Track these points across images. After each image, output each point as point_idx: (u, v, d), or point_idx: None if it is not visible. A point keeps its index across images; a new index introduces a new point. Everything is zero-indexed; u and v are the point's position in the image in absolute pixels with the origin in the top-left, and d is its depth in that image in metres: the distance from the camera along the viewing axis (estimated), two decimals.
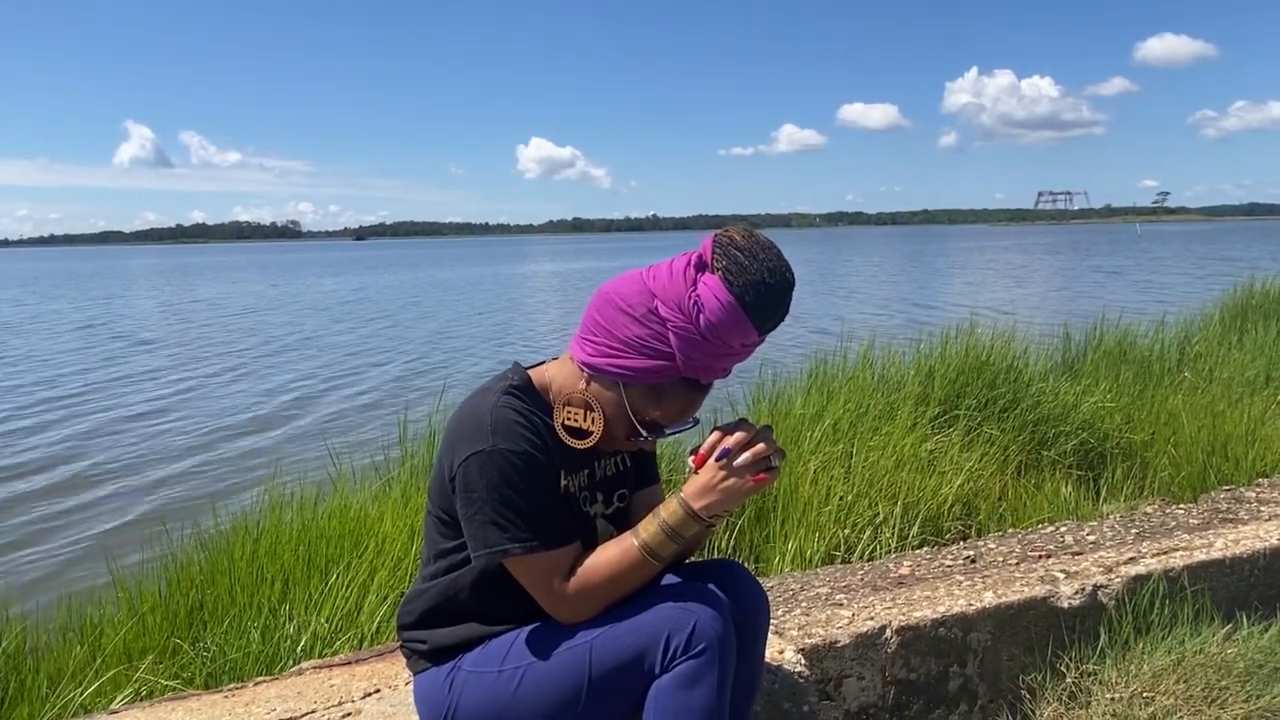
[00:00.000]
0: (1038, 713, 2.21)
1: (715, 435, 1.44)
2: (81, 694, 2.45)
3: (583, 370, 1.46)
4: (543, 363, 1.56)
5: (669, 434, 1.51)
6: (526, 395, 1.47)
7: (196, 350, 16.20)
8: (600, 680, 1.40)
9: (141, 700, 2.16)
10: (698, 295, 1.35)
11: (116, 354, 16.04)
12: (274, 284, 43.34)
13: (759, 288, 1.34)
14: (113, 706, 2.09)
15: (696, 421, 1.53)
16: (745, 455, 1.40)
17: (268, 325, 21.23)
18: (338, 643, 2.63)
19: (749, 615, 1.55)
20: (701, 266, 1.38)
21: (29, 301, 34.08)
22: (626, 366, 1.40)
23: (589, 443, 1.47)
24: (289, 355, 15.29)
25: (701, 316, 1.35)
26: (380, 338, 18.00)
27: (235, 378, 12.86)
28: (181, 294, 36.32)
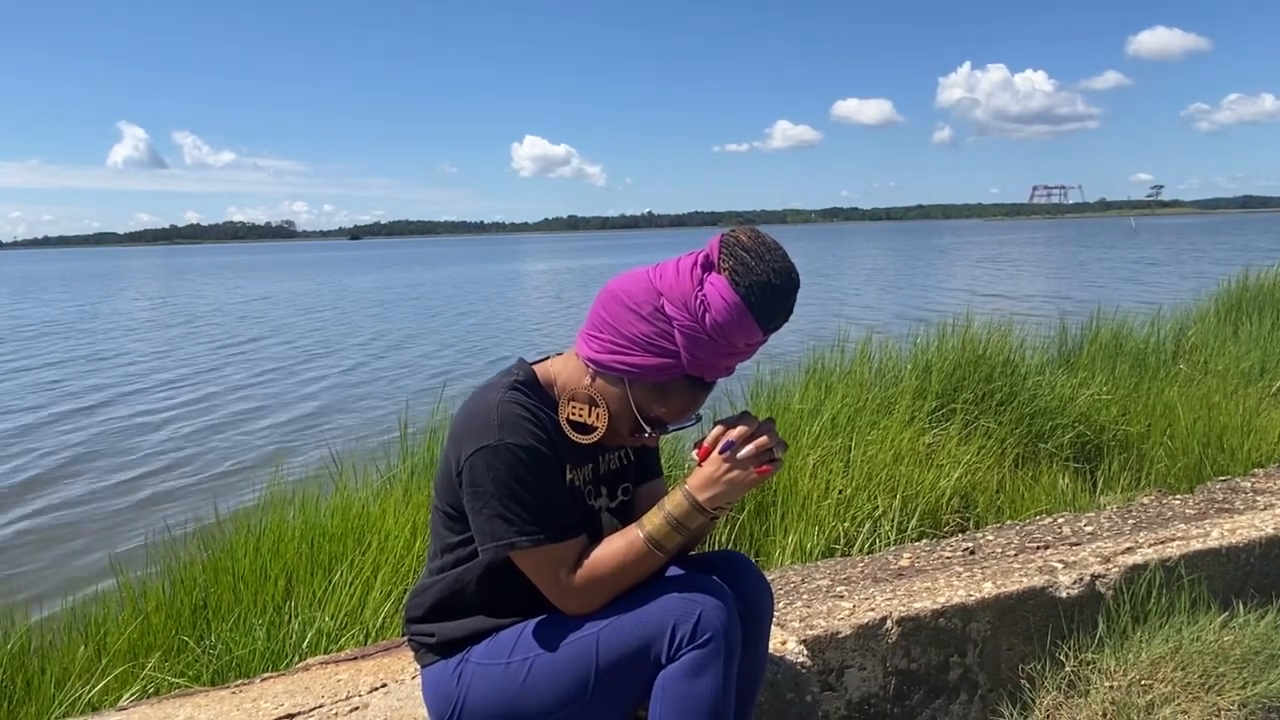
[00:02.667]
0: (1037, 701, 2.23)
1: (718, 428, 1.46)
2: (89, 692, 2.46)
3: (588, 366, 1.48)
4: (547, 358, 1.58)
5: (672, 430, 1.53)
6: (531, 390, 1.48)
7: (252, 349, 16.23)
8: (607, 670, 1.42)
9: (149, 697, 2.17)
10: (704, 295, 1.37)
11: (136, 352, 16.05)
12: (319, 281, 43.85)
13: (764, 288, 1.36)
14: (121, 703, 2.11)
15: (699, 418, 1.55)
16: (748, 448, 1.42)
17: (334, 322, 21.58)
18: (343, 639, 2.65)
19: (753, 606, 1.56)
20: (708, 266, 1.40)
21: (82, 300, 34.21)
22: (632, 363, 1.42)
23: (593, 438, 1.49)
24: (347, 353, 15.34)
25: (707, 316, 1.37)
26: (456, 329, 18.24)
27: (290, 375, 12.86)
28: (233, 292, 36.40)
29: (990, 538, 2.93)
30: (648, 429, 1.50)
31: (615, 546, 1.45)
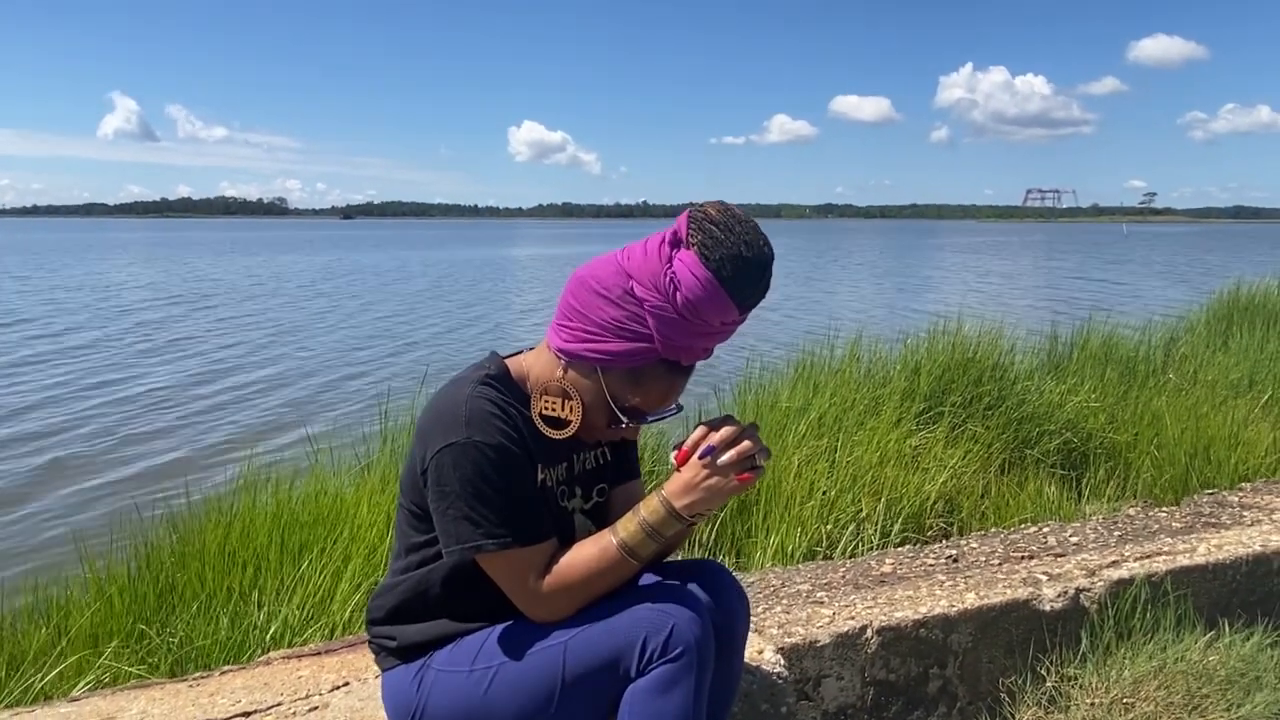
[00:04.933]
0: (1017, 716, 2.19)
1: (700, 431, 1.39)
2: (42, 680, 2.38)
3: (560, 357, 1.41)
4: (520, 351, 1.51)
5: (651, 420, 1.46)
6: (503, 385, 1.41)
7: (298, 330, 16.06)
8: (574, 682, 1.35)
9: (104, 688, 2.10)
10: (673, 272, 1.31)
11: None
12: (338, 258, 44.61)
13: (736, 261, 1.30)
14: (73, 694, 2.03)
15: (680, 407, 1.48)
16: (730, 453, 1.35)
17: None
18: (308, 631, 2.58)
19: (729, 618, 1.50)
20: (676, 243, 1.33)
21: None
22: (604, 350, 1.35)
23: (568, 432, 1.42)
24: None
25: (678, 294, 1.30)
26: None
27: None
28: (264, 265, 36.74)
29: (975, 545, 2.89)
30: (624, 420, 1.43)
31: (587, 553, 1.39)
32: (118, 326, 16.15)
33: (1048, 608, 2.27)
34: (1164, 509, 3.30)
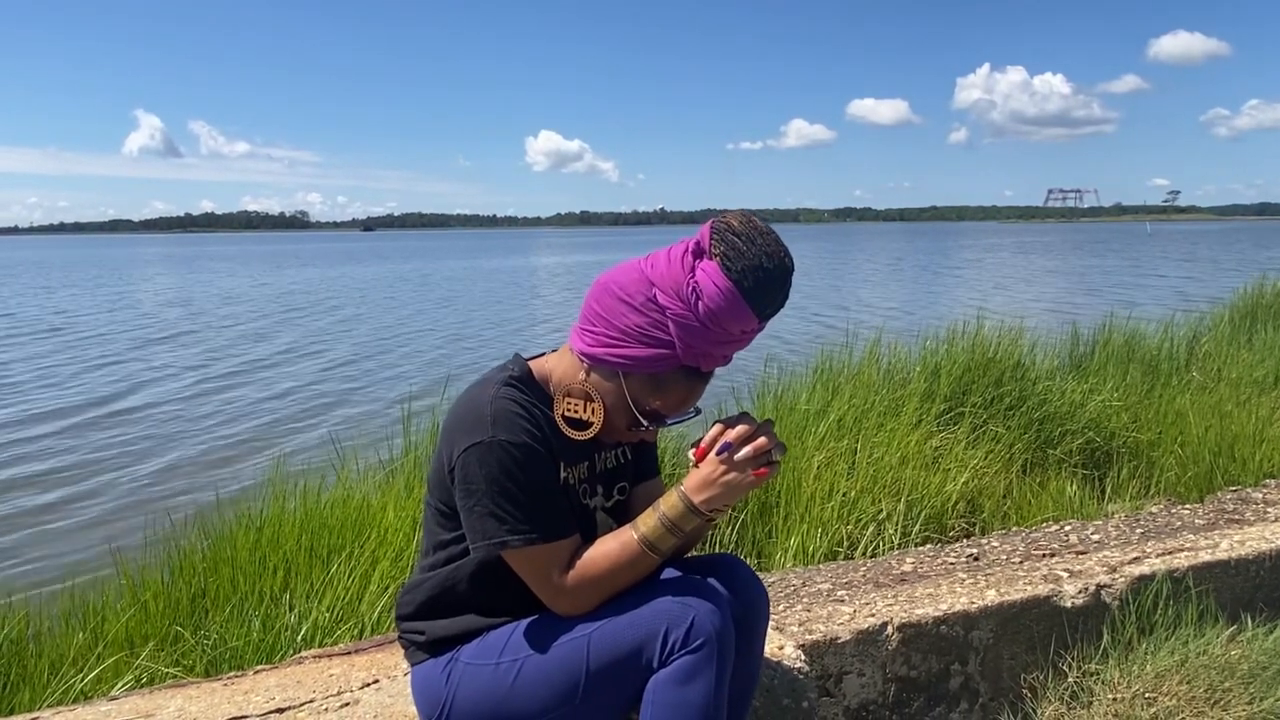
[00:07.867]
0: (1039, 712, 2.20)
1: (716, 429, 1.43)
2: (82, 680, 2.45)
3: (582, 361, 1.45)
4: (543, 354, 1.56)
5: (670, 423, 1.50)
6: (526, 386, 1.46)
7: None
8: (598, 674, 1.39)
9: (142, 688, 2.16)
10: (696, 282, 1.34)
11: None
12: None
13: (757, 273, 1.33)
14: (113, 693, 2.09)
15: (698, 411, 1.51)
16: (746, 449, 1.39)
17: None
18: (338, 632, 2.63)
19: (748, 611, 1.53)
20: (699, 253, 1.36)
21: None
22: (626, 356, 1.39)
23: (589, 434, 1.46)
24: None
25: (700, 303, 1.34)
26: None
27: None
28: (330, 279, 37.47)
29: (995, 544, 2.90)
30: (645, 423, 1.46)
31: (609, 547, 1.43)
32: (221, 340, 16.26)
33: (1069, 604, 2.28)
34: (1187, 506, 3.30)
